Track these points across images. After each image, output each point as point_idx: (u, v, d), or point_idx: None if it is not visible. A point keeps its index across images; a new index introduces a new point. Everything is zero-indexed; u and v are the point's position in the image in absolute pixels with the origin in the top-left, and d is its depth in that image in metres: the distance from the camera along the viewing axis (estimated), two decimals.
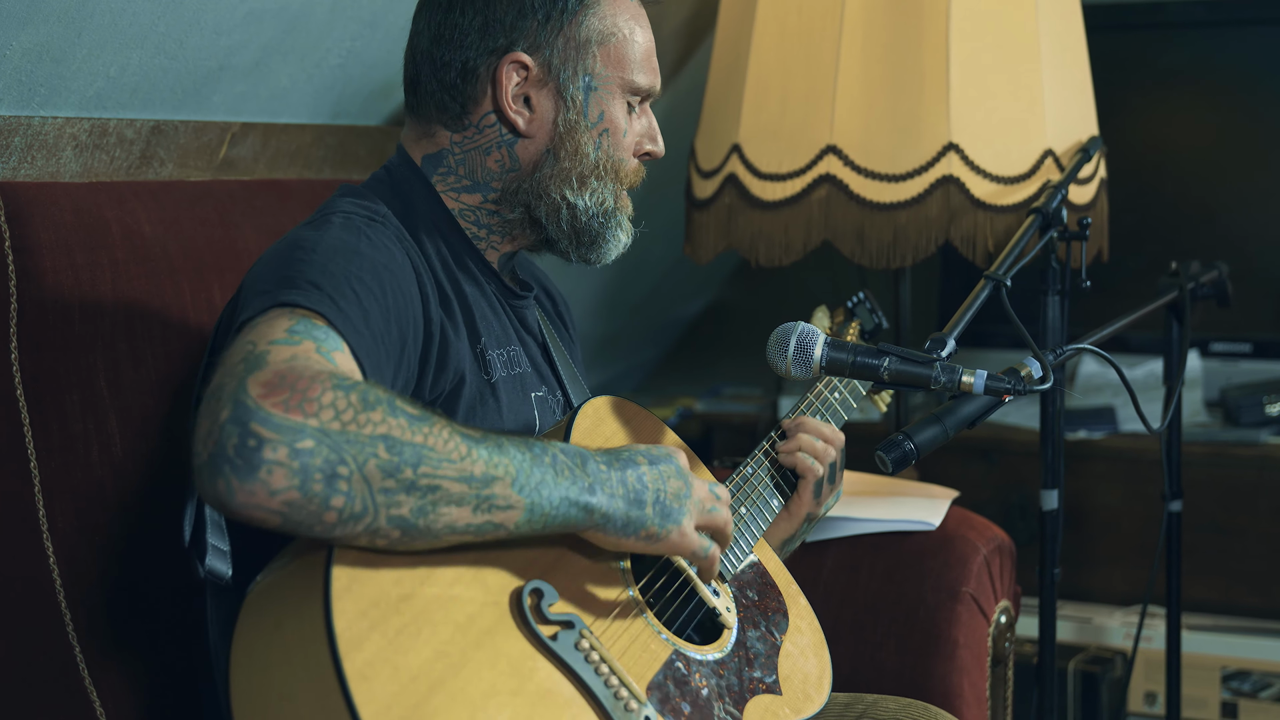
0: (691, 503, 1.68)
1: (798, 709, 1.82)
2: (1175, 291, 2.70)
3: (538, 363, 2.00)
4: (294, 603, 1.46)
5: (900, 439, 2.02)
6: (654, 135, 1.97)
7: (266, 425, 1.39)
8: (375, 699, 1.40)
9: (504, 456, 1.51)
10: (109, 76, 2.21)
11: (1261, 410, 3.40)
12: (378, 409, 1.45)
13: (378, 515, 1.44)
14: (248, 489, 1.38)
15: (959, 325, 2.05)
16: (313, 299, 1.58)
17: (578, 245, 1.94)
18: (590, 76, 1.88)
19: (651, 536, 1.64)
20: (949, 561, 2.46)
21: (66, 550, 1.96)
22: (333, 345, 1.54)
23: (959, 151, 2.70)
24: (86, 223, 2.05)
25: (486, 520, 1.50)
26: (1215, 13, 3.65)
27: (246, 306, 1.60)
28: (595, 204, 1.91)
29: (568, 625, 1.59)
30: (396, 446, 1.44)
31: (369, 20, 2.56)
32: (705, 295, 4.39)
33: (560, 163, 1.89)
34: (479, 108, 1.89)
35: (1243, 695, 3.25)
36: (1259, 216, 3.63)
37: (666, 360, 4.53)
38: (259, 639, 1.47)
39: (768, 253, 2.83)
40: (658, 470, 1.66)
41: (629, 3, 1.93)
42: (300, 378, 1.43)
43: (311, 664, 1.41)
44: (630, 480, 1.62)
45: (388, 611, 1.46)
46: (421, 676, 1.45)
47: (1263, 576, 3.33)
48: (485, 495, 1.49)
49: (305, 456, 1.39)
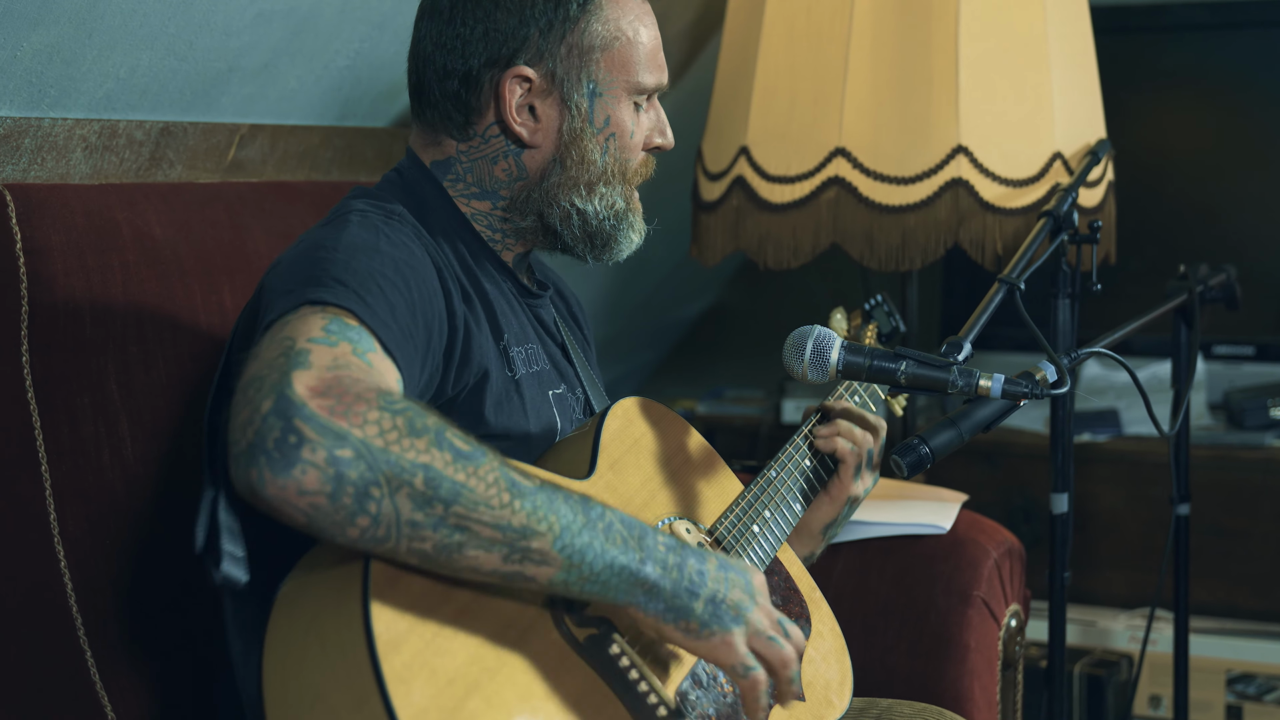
0: (750, 619, 1.58)
1: (819, 715, 1.82)
2: (1184, 294, 2.70)
3: (557, 361, 1.99)
4: (331, 603, 1.46)
5: (915, 443, 2.01)
6: (663, 129, 1.96)
7: (311, 424, 1.38)
8: (413, 703, 1.40)
9: (552, 512, 1.47)
10: (119, 78, 2.21)
11: (1266, 413, 3.39)
12: (424, 437, 1.43)
13: (399, 544, 1.42)
14: (279, 483, 1.38)
15: (974, 329, 2.05)
16: (340, 295, 1.57)
17: (592, 248, 1.93)
18: (595, 83, 1.87)
19: (693, 632, 1.55)
20: (960, 565, 2.46)
21: (77, 554, 1.96)
22: (367, 346, 1.52)
23: (968, 154, 2.70)
24: (97, 225, 2.05)
25: (516, 571, 1.47)
26: (1217, 15, 3.65)
27: (273, 306, 1.59)
28: (605, 208, 1.90)
29: (600, 628, 1.59)
30: (435, 480, 1.42)
31: (377, 22, 2.56)
32: (707, 297, 4.39)
33: (568, 170, 1.88)
34: (483, 119, 1.88)
35: (1248, 699, 3.25)
36: (1260, 219, 3.63)
37: (667, 362, 4.52)
38: (294, 640, 1.47)
39: (776, 255, 2.83)
40: (726, 575, 1.58)
41: (632, 2, 1.90)
42: (348, 391, 1.42)
43: (349, 665, 1.41)
44: (690, 569, 1.55)
45: (425, 613, 1.45)
46: (458, 680, 1.44)
47: (1266, 579, 3.33)
48: (520, 547, 1.46)
49: (343, 465, 1.38)
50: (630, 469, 1.81)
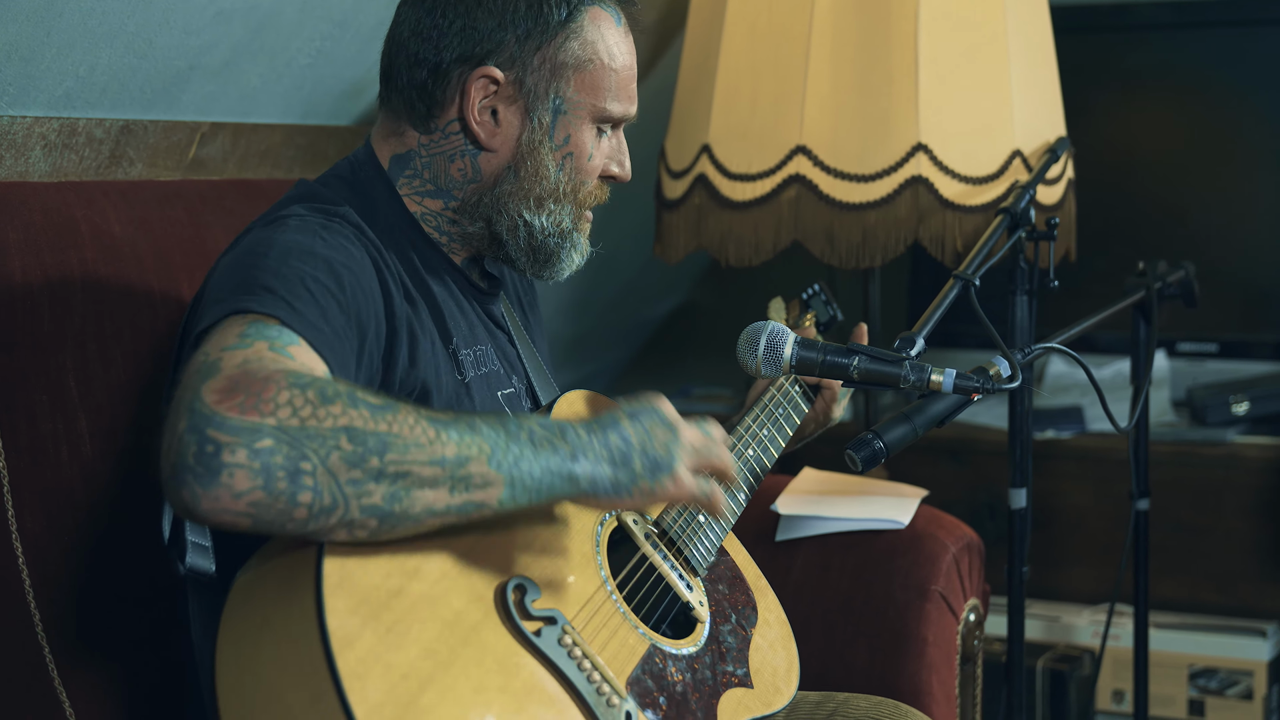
0: (682, 449, 1.66)
1: (768, 702, 1.85)
2: (1142, 291, 2.73)
3: (505, 357, 2.01)
4: (283, 599, 1.47)
5: (870, 438, 2.05)
6: (622, 160, 1.97)
7: (223, 429, 1.40)
8: (369, 698, 1.41)
9: (477, 436, 1.52)
10: (78, 76, 2.22)
11: (1228, 410, 3.42)
12: (337, 402, 1.45)
13: (349, 507, 1.44)
14: (212, 495, 1.39)
15: (928, 324, 2.08)
16: (266, 303, 1.59)
17: (533, 262, 1.95)
18: (561, 100, 1.89)
19: (646, 492, 1.63)
20: (918, 560, 2.48)
21: (35, 551, 1.96)
22: (287, 340, 1.55)
23: (928, 152, 2.72)
24: (56, 223, 2.06)
25: (466, 500, 1.51)
26: (1181, 14, 3.69)
27: (205, 314, 1.61)
28: (552, 225, 1.92)
29: (550, 621, 1.61)
30: (360, 436, 1.45)
31: (339, 20, 2.57)
32: (675, 296, 4.42)
33: (521, 180, 1.90)
34: (445, 114, 1.89)
35: (1209, 693, 3.28)
36: (1224, 217, 3.67)
37: (637, 360, 4.54)
38: (246, 635, 1.48)
39: (738, 253, 2.85)
40: (640, 424, 1.64)
41: (614, 29, 1.92)
42: (254, 379, 1.44)
43: (304, 661, 1.42)
44: (613, 441, 1.61)
45: (378, 608, 1.47)
46: (412, 674, 1.46)
47: (1229, 575, 3.36)
48: (461, 475, 1.50)
49: (265, 455, 1.40)
50: None
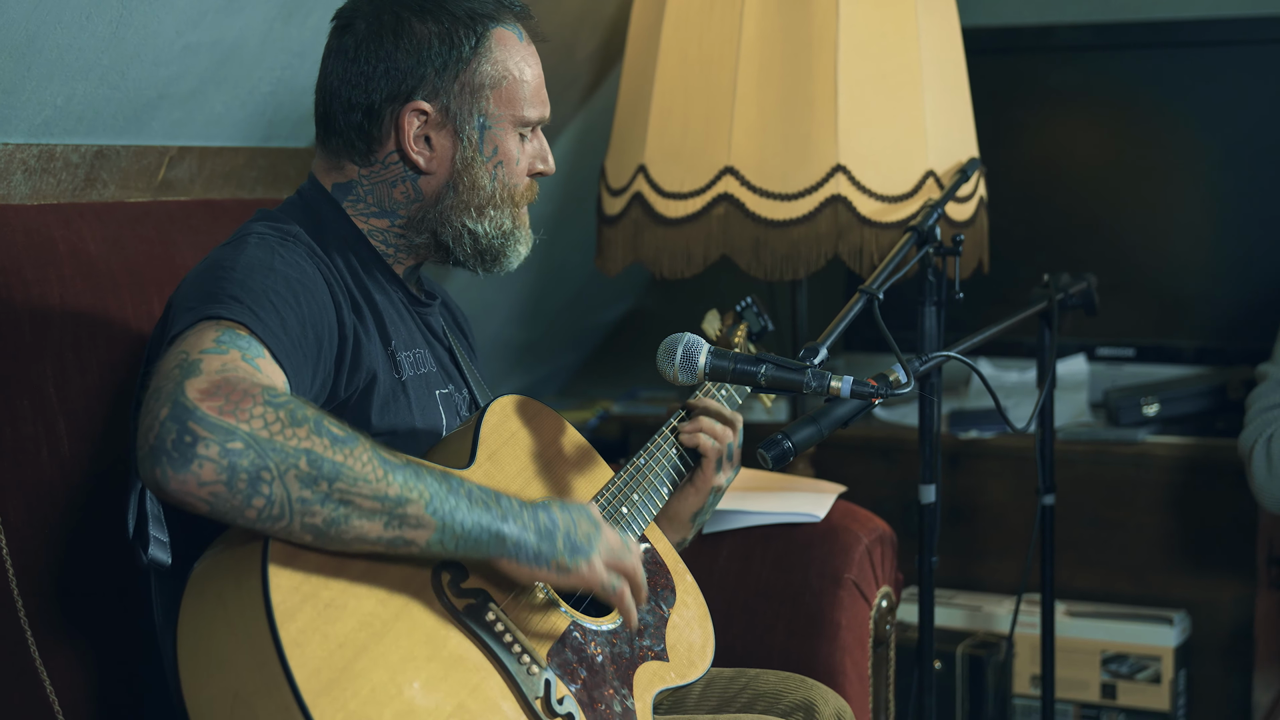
0: (601, 544, 1.82)
1: (683, 674, 2.00)
2: (1045, 301, 2.87)
3: (444, 364, 2.15)
4: (235, 579, 1.62)
5: (779, 438, 2.20)
6: (544, 156, 2.13)
7: (202, 424, 1.55)
8: (307, 663, 1.56)
9: (420, 482, 1.67)
10: (56, 105, 2.32)
11: (1139, 411, 3.52)
12: (304, 426, 1.60)
13: (293, 520, 1.60)
14: (180, 478, 1.55)
15: (831, 335, 2.24)
16: (235, 311, 1.73)
17: (481, 263, 2.10)
18: (485, 117, 2.03)
19: (562, 568, 1.77)
20: (833, 550, 2.62)
21: (19, 542, 2.06)
22: (256, 352, 1.69)
23: (846, 173, 2.87)
24: (36, 242, 2.16)
25: (397, 535, 1.65)
26: (1101, 36, 3.76)
27: (177, 322, 1.75)
28: (494, 229, 2.07)
29: (478, 598, 1.76)
30: (317, 461, 1.60)
31: (298, 51, 2.66)
32: (624, 303, 4.47)
33: (460, 195, 2.05)
34: (383, 148, 2.04)
35: (1121, 677, 3.40)
36: (1142, 229, 3.74)
37: (587, 365, 4.59)
38: (203, 611, 1.62)
39: (671, 266, 2.99)
40: (569, 514, 1.80)
41: (518, 45, 2.07)
42: (235, 389, 1.59)
43: (251, 632, 1.57)
44: (542, 518, 1.77)
45: (318, 586, 1.62)
46: (348, 643, 1.61)
47: (1140, 567, 3.46)
48: (398, 514, 1.65)
49: (234, 456, 1.56)
50: (507, 459, 1.98)
